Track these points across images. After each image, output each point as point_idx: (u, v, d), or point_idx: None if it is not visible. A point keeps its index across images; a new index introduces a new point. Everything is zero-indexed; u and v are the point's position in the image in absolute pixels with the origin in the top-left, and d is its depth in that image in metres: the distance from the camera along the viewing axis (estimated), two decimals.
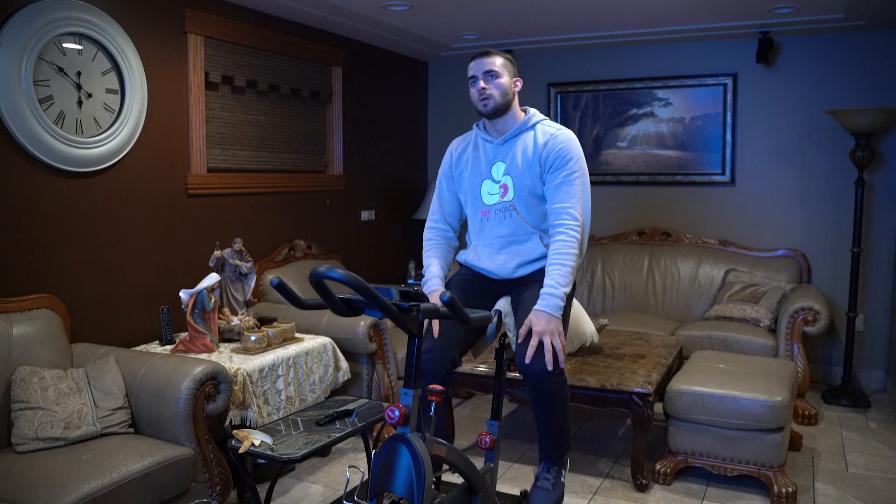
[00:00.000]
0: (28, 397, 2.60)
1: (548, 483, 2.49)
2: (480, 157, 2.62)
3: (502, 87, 2.51)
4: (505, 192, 2.55)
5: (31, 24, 2.91)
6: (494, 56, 2.53)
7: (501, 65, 2.52)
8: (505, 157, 2.57)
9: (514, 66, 2.57)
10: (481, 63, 2.52)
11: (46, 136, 3.00)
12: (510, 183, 2.54)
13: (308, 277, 1.77)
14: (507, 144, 2.58)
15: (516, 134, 2.56)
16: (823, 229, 4.84)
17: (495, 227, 2.58)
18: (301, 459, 2.60)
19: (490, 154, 2.60)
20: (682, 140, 5.17)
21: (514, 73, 2.57)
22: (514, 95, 2.57)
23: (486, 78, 2.51)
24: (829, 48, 4.73)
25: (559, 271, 2.41)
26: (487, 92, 2.51)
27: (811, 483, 3.32)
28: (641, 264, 5.11)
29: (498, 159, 2.58)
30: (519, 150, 2.54)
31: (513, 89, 2.55)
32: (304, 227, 4.63)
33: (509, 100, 2.54)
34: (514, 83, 2.56)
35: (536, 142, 2.53)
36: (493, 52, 2.55)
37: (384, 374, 3.81)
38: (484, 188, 2.60)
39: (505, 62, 2.54)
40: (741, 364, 3.53)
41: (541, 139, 2.53)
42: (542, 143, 2.52)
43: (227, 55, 3.95)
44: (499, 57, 2.54)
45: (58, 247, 3.12)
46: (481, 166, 2.61)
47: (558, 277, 2.40)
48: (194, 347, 3.23)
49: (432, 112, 6.03)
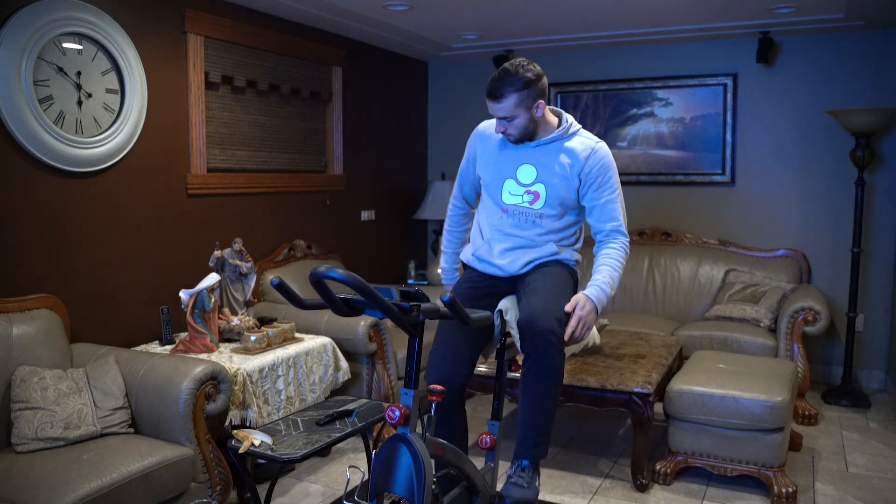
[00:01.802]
0: (28, 397, 2.60)
1: (522, 480, 2.30)
2: (508, 154, 2.52)
3: (520, 126, 2.41)
4: (535, 200, 2.47)
5: (31, 24, 2.91)
6: (506, 98, 2.35)
7: (514, 106, 2.36)
8: (536, 162, 2.47)
9: (534, 90, 2.37)
10: (495, 107, 2.38)
11: (46, 136, 3.00)
12: (542, 192, 2.46)
13: (308, 277, 1.77)
14: (539, 149, 2.48)
15: (552, 140, 2.47)
16: (823, 229, 4.83)
17: (513, 227, 2.52)
18: (301, 459, 2.60)
19: (519, 154, 2.50)
20: (682, 140, 5.17)
21: (536, 97, 2.38)
22: (539, 119, 2.44)
23: (502, 121, 2.41)
24: (829, 48, 4.73)
25: (611, 274, 2.42)
26: (508, 132, 2.44)
27: (811, 483, 3.32)
28: (641, 264, 5.11)
29: (526, 162, 2.48)
30: (556, 160, 2.45)
31: (535, 116, 2.41)
32: (304, 227, 4.63)
33: (534, 128, 2.44)
34: (537, 108, 2.40)
35: (576, 154, 2.44)
36: (503, 94, 2.35)
37: (384, 374, 3.81)
38: (506, 187, 2.51)
39: (518, 102, 2.36)
40: (741, 364, 3.53)
41: (581, 153, 2.44)
42: (584, 158, 2.44)
43: (227, 55, 3.95)
44: (512, 96, 2.34)
45: (58, 247, 3.12)
46: (506, 163, 2.51)
47: (608, 279, 2.41)
48: (194, 347, 3.23)
49: (432, 112, 6.03)
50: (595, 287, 2.40)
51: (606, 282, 2.41)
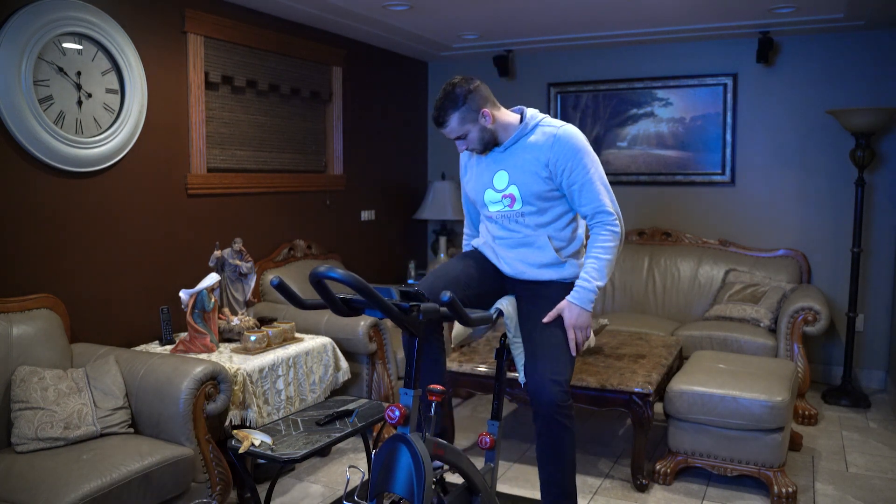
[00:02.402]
0: (28, 397, 2.60)
1: None
2: (484, 165, 2.58)
3: (475, 139, 2.46)
4: (512, 203, 2.50)
5: (31, 24, 2.91)
6: (449, 121, 2.42)
7: (460, 125, 2.42)
8: (506, 165, 2.51)
9: (473, 102, 2.40)
10: (443, 132, 2.48)
11: (46, 136, 3.00)
12: (517, 192, 2.49)
13: (308, 277, 1.77)
14: (507, 152, 2.51)
15: (515, 140, 2.50)
16: (823, 229, 4.83)
17: (503, 230, 2.57)
18: (301, 459, 2.60)
19: (493, 163, 2.55)
20: (682, 140, 5.17)
21: (477, 109, 2.41)
22: (493, 125, 2.46)
23: (458, 142, 2.49)
24: (829, 48, 4.73)
25: (594, 265, 2.45)
26: (470, 147, 2.51)
27: (811, 483, 3.32)
28: (641, 264, 5.11)
29: (499, 168, 2.52)
30: (521, 157, 2.48)
31: (488, 125, 2.44)
32: (304, 227, 4.63)
33: (492, 134, 2.47)
34: (483, 118, 2.43)
35: (538, 146, 2.46)
36: (446, 120, 2.42)
37: (384, 374, 3.81)
38: (487, 196, 2.57)
39: (461, 119, 2.41)
40: (741, 364, 3.53)
41: (544, 142, 2.45)
42: (548, 146, 2.44)
43: (227, 55, 3.95)
44: (453, 117, 2.41)
45: (58, 247, 3.12)
46: (484, 175, 2.57)
47: (593, 272, 2.44)
48: (194, 347, 3.23)
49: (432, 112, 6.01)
50: (577, 290, 2.44)
51: (591, 276, 2.44)
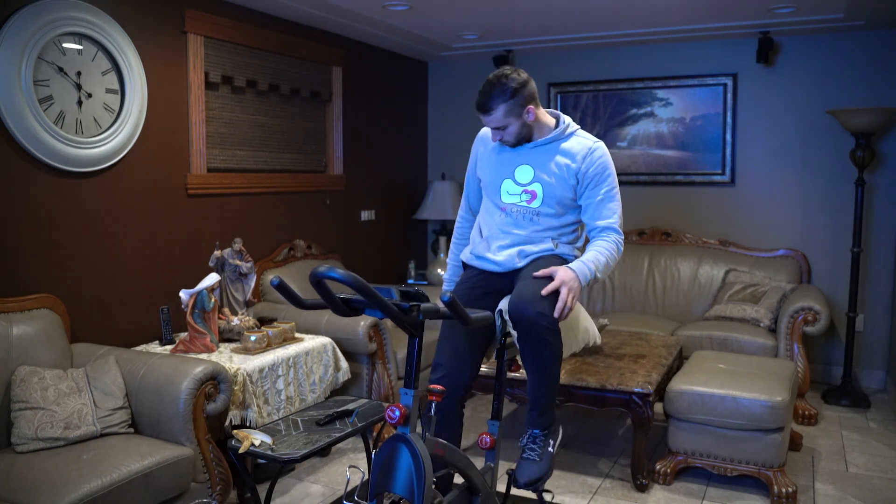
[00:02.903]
0: (28, 397, 2.60)
1: (533, 454, 2.36)
2: (506, 155, 2.55)
3: (514, 132, 2.43)
4: (532, 199, 2.49)
5: (31, 24, 2.91)
6: (495, 110, 2.37)
7: (504, 116, 2.38)
8: (533, 162, 2.49)
9: (521, 97, 2.38)
10: (485, 119, 2.42)
11: (46, 136, 3.00)
12: (539, 191, 2.48)
13: (308, 277, 1.77)
14: (537, 149, 2.50)
15: (549, 141, 2.49)
16: (823, 229, 4.84)
17: (511, 226, 2.54)
18: (301, 459, 2.60)
19: (517, 154, 2.52)
20: (682, 140, 5.17)
21: (526, 103, 2.39)
22: (532, 123, 2.45)
23: (495, 131, 2.45)
24: (829, 48, 4.73)
25: (597, 256, 2.41)
26: (504, 139, 2.46)
27: (811, 483, 3.32)
28: (641, 264, 5.11)
29: (524, 162, 2.50)
30: (554, 159, 2.47)
31: (527, 122, 2.43)
32: (304, 227, 4.63)
33: (529, 132, 2.46)
34: (527, 114, 2.41)
35: (573, 154, 2.46)
36: (493, 107, 2.37)
37: (384, 374, 3.81)
38: (504, 187, 2.54)
39: (507, 111, 2.38)
40: (741, 364, 3.53)
41: (578, 152, 2.46)
42: (581, 157, 2.45)
43: (227, 55, 3.95)
44: (500, 107, 2.37)
45: (58, 247, 3.12)
46: (505, 164, 2.54)
47: (594, 260, 2.40)
48: (194, 347, 3.23)
49: (432, 112, 6.03)
50: (578, 262, 2.39)
51: (591, 259, 2.40)
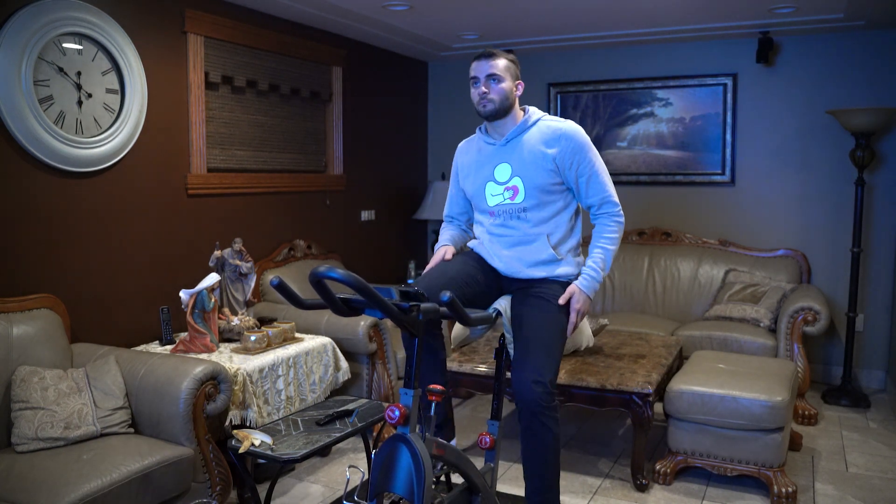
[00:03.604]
0: (28, 397, 2.60)
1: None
2: (483, 160, 2.61)
3: (503, 91, 2.48)
4: (514, 195, 2.53)
5: (31, 24, 2.91)
6: (498, 58, 2.49)
7: (504, 68, 2.48)
8: (509, 159, 2.54)
9: (517, 69, 2.54)
10: (484, 65, 2.48)
11: (46, 136, 3.00)
12: (520, 185, 2.51)
13: (308, 277, 1.77)
14: (509, 145, 2.55)
15: (517, 134, 2.53)
16: (823, 229, 4.83)
17: (502, 227, 2.57)
18: (301, 459, 2.60)
19: (493, 156, 2.58)
20: (682, 140, 5.17)
21: (517, 76, 2.53)
22: (515, 99, 2.54)
23: (487, 81, 2.47)
24: (829, 48, 4.73)
25: (601, 255, 2.53)
26: (489, 96, 2.48)
27: (811, 483, 3.32)
28: (641, 264, 5.11)
29: (501, 161, 2.56)
30: (526, 150, 2.51)
31: (514, 93, 2.52)
32: (304, 227, 4.63)
33: (510, 103, 2.51)
34: (517, 86, 2.53)
35: (544, 141, 2.50)
36: (497, 54, 2.49)
37: (384, 374, 3.81)
38: (487, 190, 2.58)
39: (508, 65, 2.50)
40: (741, 364, 3.53)
41: (549, 136, 2.50)
42: (554, 140, 2.49)
43: (227, 55, 3.95)
44: (502, 59, 2.49)
45: (58, 247, 3.12)
46: (484, 168, 2.60)
47: (600, 261, 2.52)
48: (194, 347, 3.23)
49: (432, 112, 6.03)
50: (586, 278, 2.51)
51: (599, 266, 2.52)
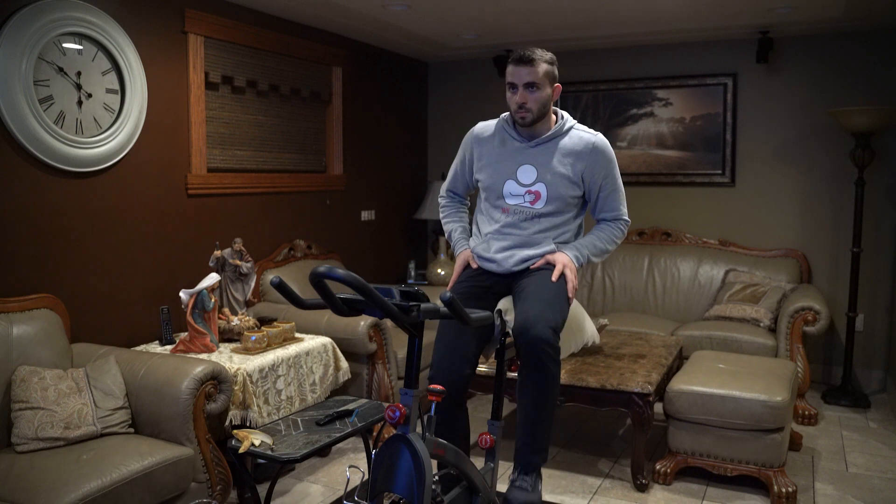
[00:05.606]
0: (28, 397, 2.60)
1: (525, 484, 2.31)
2: (507, 155, 2.52)
3: (541, 100, 2.38)
4: (536, 200, 2.47)
5: (31, 24, 2.91)
6: (538, 65, 2.35)
7: (544, 74, 2.37)
8: (535, 162, 2.47)
9: (556, 70, 2.42)
10: (522, 72, 2.36)
11: (46, 136, 3.00)
12: (543, 192, 2.46)
13: (308, 277, 1.77)
14: (538, 148, 2.48)
15: (550, 139, 2.47)
16: (823, 229, 4.84)
17: (512, 227, 2.52)
18: (301, 459, 2.60)
19: (517, 154, 2.50)
20: (682, 140, 5.17)
21: (555, 78, 2.42)
22: (550, 103, 2.44)
23: (525, 91, 2.37)
24: (829, 48, 4.73)
25: (595, 243, 2.52)
26: (527, 106, 2.38)
27: (811, 483, 3.32)
28: (641, 264, 5.11)
29: (526, 162, 2.48)
30: (555, 157, 2.45)
31: (551, 97, 2.42)
32: (304, 227, 4.63)
33: (547, 110, 2.44)
34: (555, 91, 2.42)
35: (576, 152, 2.45)
36: (536, 60, 2.35)
37: (384, 374, 3.81)
38: (507, 188, 2.51)
39: (548, 71, 2.38)
40: (741, 364, 3.53)
41: (580, 147, 2.45)
42: (586, 153, 2.45)
43: (227, 55, 3.95)
44: (543, 64, 2.36)
45: (58, 247, 3.12)
46: (506, 165, 2.51)
47: (591, 246, 2.51)
48: (194, 347, 3.23)
49: (432, 112, 6.03)
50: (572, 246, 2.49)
51: (586, 244, 2.50)
